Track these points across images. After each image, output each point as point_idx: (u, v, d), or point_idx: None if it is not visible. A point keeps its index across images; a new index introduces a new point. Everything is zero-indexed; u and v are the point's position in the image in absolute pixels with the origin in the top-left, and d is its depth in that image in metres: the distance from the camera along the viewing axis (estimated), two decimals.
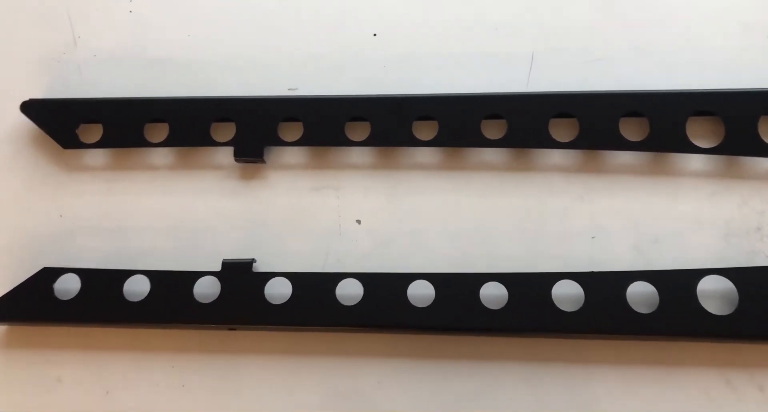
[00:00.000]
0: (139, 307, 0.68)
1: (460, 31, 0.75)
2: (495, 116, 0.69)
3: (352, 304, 0.65)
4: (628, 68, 0.72)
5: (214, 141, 0.72)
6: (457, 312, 0.64)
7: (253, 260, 0.69)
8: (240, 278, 0.68)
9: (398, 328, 0.66)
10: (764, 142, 0.66)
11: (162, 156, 0.75)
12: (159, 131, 0.73)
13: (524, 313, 0.64)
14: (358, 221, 0.71)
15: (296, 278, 0.67)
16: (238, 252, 0.71)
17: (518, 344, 0.66)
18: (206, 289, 0.68)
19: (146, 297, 0.68)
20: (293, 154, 0.73)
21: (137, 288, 0.68)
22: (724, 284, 0.63)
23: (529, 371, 0.66)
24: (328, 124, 0.71)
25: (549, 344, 0.66)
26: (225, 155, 0.73)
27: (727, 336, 0.62)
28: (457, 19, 0.75)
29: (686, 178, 0.68)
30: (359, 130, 0.71)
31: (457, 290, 0.65)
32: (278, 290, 0.67)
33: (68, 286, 0.69)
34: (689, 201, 0.68)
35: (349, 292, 0.66)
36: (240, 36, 0.77)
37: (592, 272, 0.64)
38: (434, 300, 0.65)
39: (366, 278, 0.66)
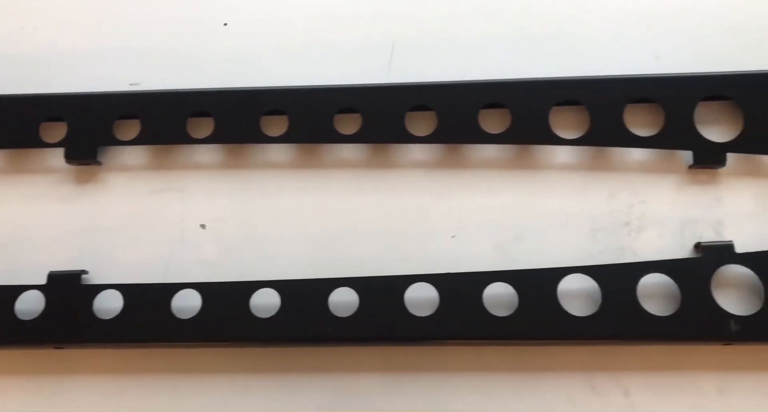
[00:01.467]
0: None
1: (317, 19, 0.70)
2: (349, 110, 0.65)
3: (189, 317, 0.60)
4: (492, 57, 0.68)
5: (44, 142, 0.66)
6: (304, 321, 0.59)
7: (83, 272, 0.63)
8: (67, 291, 0.62)
9: (240, 341, 0.60)
10: (631, 132, 0.62)
11: None
12: None
13: (376, 320, 0.59)
14: (203, 226, 0.65)
15: (128, 290, 0.61)
16: (70, 263, 0.64)
17: (372, 353, 0.62)
18: (30, 305, 0.61)
19: None
20: (132, 155, 0.67)
21: None
22: (587, 282, 0.59)
23: (383, 382, 0.61)
24: (168, 121, 0.65)
25: (405, 353, 0.61)
26: (56, 158, 0.67)
27: (590, 337, 0.58)
28: (315, 7, 0.71)
29: (552, 172, 0.65)
30: (203, 127, 0.65)
31: (304, 298, 0.60)
32: (110, 304, 0.61)
33: None
34: (555, 196, 0.64)
35: (188, 304, 0.60)
36: (77, 28, 0.71)
37: (448, 274, 0.60)
38: (279, 309, 0.60)
39: (205, 288, 0.60)
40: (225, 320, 0.60)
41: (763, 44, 0.66)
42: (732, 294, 0.60)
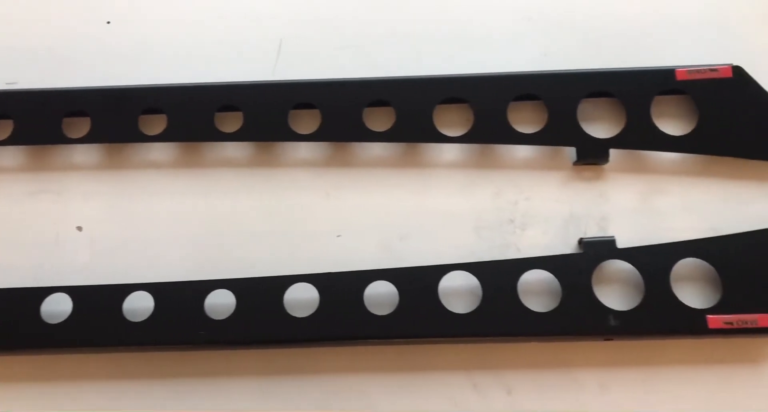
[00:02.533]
0: None
1: (202, 18, 0.69)
2: (231, 108, 0.63)
3: (59, 321, 0.57)
4: (380, 55, 0.67)
5: None
6: (178, 325, 0.58)
7: None
8: None
9: (112, 346, 0.58)
10: (515, 130, 0.62)
11: None
12: None
13: (253, 322, 0.58)
14: (79, 228, 0.63)
15: None
16: None
17: (250, 357, 0.60)
18: None
19: None
20: (5, 156, 0.65)
21: None
22: (469, 279, 0.59)
23: (262, 386, 0.60)
24: (43, 121, 0.63)
25: (283, 355, 0.60)
26: None
27: (469, 334, 0.58)
28: (200, 6, 0.69)
29: (437, 170, 0.64)
30: (79, 126, 0.63)
31: (179, 301, 0.58)
32: None
33: None
34: (440, 194, 0.63)
35: (59, 308, 0.58)
36: None
37: (328, 273, 0.59)
38: (153, 313, 0.58)
39: (76, 292, 0.58)
40: (96, 324, 0.58)
41: (644, 43, 0.66)
42: (613, 289, 0.60)
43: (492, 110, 0.63)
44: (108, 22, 0.69)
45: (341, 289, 0.58)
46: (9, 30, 0.68)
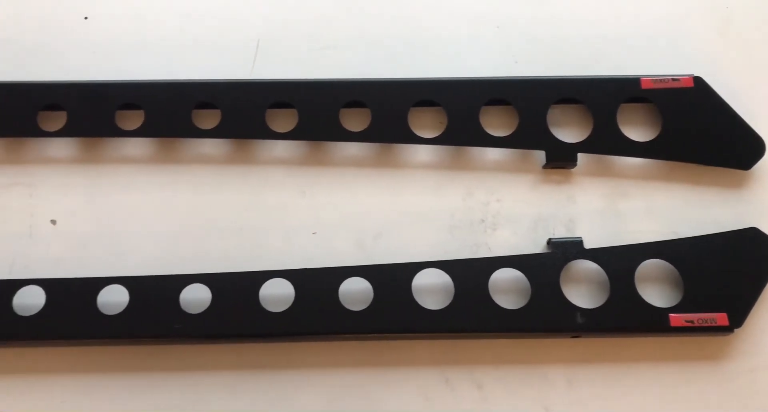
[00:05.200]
0: None
1: (181, 15, 0.69)
2: (209, 105, 0.64)
3: (32, 314, 0.57)
4: (356, 57, 0.68)
5: None
6: (151, 318, 0.58)
7: None
8: None
9: (84, 338, 0.58)
10: (486, 132, 0.64)
11: None
12: None
13: (228, 316, 0.58)
14: (53, 222, 0.63)
15: None
16: None
17: (223, 351, 0.60)
18: None
19: None
20: None
21: None
22: (442, 277, 0.60)
23: (234, 381, 0.60)
24: (17, 114, 0.63)
25: (256, 350, 0.61)
26: None
27: (441, 330, 0.59)
28: (178, 3, 0.70)
29: (410, 171, 0.65)
30: (56, 120, 0.63)
31: (154, 295, 0.58)
32: None
33: None
34: (414, 194, 0.65)
35: (32, 301, 0.58)
36: None
37: (304, 269, 0.60)
38: (127, 306, 0.58)
39: (49, 285, 0.58)
40: (70, 318, 0.57)
41: (612, 52, 0.69)
42: (580, 288, 0.62)
43: (465, 113, 0.64)
44: (86, 18, 0.69)
45: (317, 285, 0.59)
46: None
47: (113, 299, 0.58)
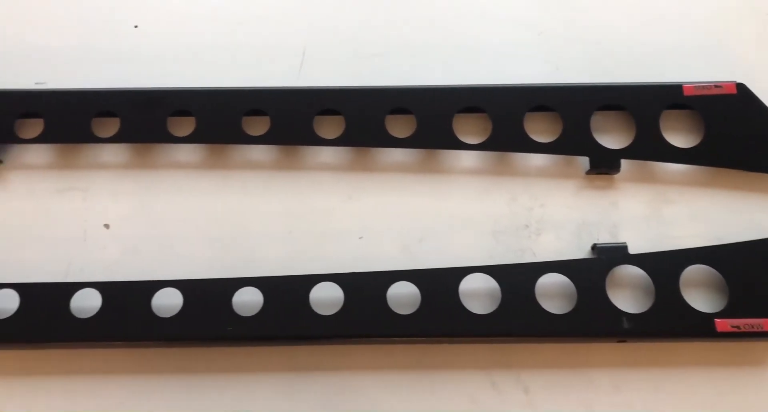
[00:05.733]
0: None
1: (228, 24, 0.71)
2: (258, 112, 0.65)
3: (89, 316, 0.58)
4: (401, 64, 0.70)
5: None
6: (207, 321, 0.59)
7: None
8: None
9: (140, 340, 0.60)
10: (531, 139, 0.65)
11: None
12: None
13: (280, 319, 0.59)
14: (107, 226, 0.64)
15: (25, 290, 0.59)
16: None
17: (274, 353, 0.61)
18: None
19: None
20: (35, 154, 0.66)
21: None
22: (488, 282, 0.61)
23: (285, 383, 0.61)
24: (73, 120, 0.64)
25: (307, 352, 0.62)
26: None
27: (489, 334, 0.60)
28: (226, 12, 0.71)
29: (455, 176, 0.66)
30: (109, 127, 0.64)
31: (207, 298, 0.59)
32: (5, 304, 0.59)
33: None
34: (458, 199, 0.66)
35: (88, 304, 0.59)
36: None
37: (352, 273, 0.61)
38: (181, 309, 0.59)
39: (106, 288, 0.59)
40: (126, 320, 0.59)
41: (653, 59, 0.69)
42: (625, 293, 0.62)
43: (509, 120, 0.65)
44: (136, 26, 0.70)
45: (365, 288, 0.60)
46: (38, 31, 0.70)
47: (167, 302, 0.59)
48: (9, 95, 0.65)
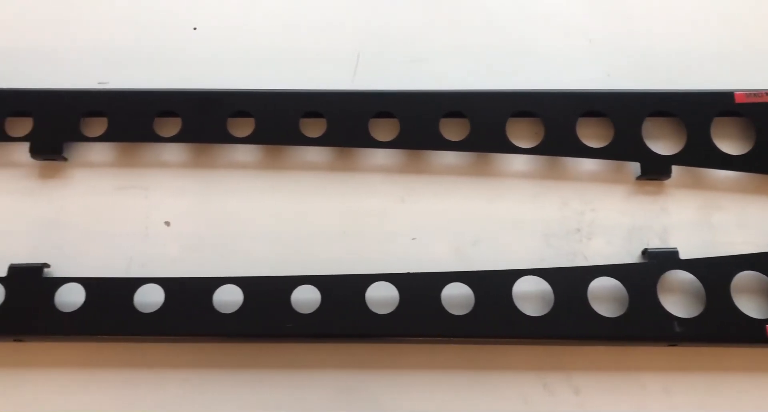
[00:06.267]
0: None
1: (284, 28, 0.72)
2: (315, 114, 0.66)
3: (152, 311, 0.60)
4: (454, 69, 0.71)
5: (8, 136, 0.66)
6: (265, 318, 0.60)
7: (44, 265, 0.63)
8: (28, 284, 0.62)
9: (202, 336, 0.61)
10: (583, 144, 0.66)
11: None
12: None
13: (337, 317, 0.60)
14: (167, 223, 0.66)
15: (91, 284, 0.61)
16: (32, 257, 0.64)
17: (330, 350, 0.63)
18: None
19: None
20: (98, 152, 0.68)
21: None
22: (541, 284, 0.62)
23: (340, 379, 0.62)
24: (135, 120, 0.66)
25: (362, 350, 0.63)
26: (21, 152, 0.67)
27: (542, 337, 0.61)
28: (284, 16, 0.73)
29: (507, 180, 0.67)
30: (170, 126, 0.66)
31: (266, 295, 0.61)
32: (71, 298, 0.61)
33: None
34: (510, 202, 0.67)
35: (151, 299, 0.61)
36: (51, 25, 0.72)
37: (408, 274, 0.62)
38: (242, 305, 0.60)
39: (168, 283, 0.61)
40: (187, 315, 0.60)
41: (704, 66, 0.70)
42: (676, 298, 0.63)
43: (561, 125, 0.66)
44: (195, 28, 0.72)
45: (420, 289, 0.61)
46: (101, 32, 0.71)
47: (228, 298, 0.61)
48: (74, 95, 0.67)
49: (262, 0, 0.73)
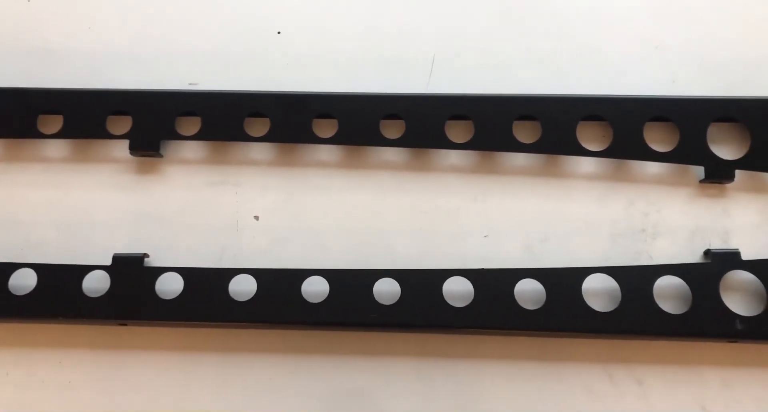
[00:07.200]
0: (24, 301, 0.66)
1: (363, 32, 0.76)
2: (394, 116, 0.70)
3: (245, 300, 0.65)
4: (524, 73, 0.74)
5: (110, 133, 0.71)
6: (350, 308, 0.65)
7: (145, 255, 0.68)
8: (130, 272, 0.67)
9: (291, 323, 0.66)
10: (649, 147, 0.69)
11: (56, 148, 0.73)
12: (53, 123, 0.72)
13: (416, 308, 0.65)
14: (256, 218, 0.70)
15: (188, 273, 0.66)
16: (131, 247, 0.69)
17: (409, 339, 0.67)
18: (96, 283, 0.66)
19: (32, 291, 0.66)
20: (191, 149, 0.72)
21: (23, 282, 0.66)
22: (608, 282, 0.65)
23: (419, 367, 0.67)
24: (226, 120, 0.70)
25: (439, 340, 0.67)
26: (121, 149, 0.72)
27: (610, 332, 0.64)
28: (361, 21, 0.76)
29: (576, 181, 0.71)
30: (259, 126, 0.70)
31: (350, 286, 0.65)
32: (170, 286, 0.66)
33: None
34: (578, 202, 0.70)
35: (243, 288, 0.66)
36: (142, 29, 0.76)
37: (482, 269, 0.66)
38: (328, 296, 0.65)
39: (260, 274, 0.66)
40: (278, 304, 0.65)
41: (766, 72, 0.72)
42: (738, 297, 0.66)
43: (629, 129, 0.69)
44: (278, 32, 0.76)
45: (494, 284, 0.65)
46: (191, 36, 0.75)
47: (315, 289, 0.65)
48: (170, 95, 0.71)
49: (341, 7, 0.76)
